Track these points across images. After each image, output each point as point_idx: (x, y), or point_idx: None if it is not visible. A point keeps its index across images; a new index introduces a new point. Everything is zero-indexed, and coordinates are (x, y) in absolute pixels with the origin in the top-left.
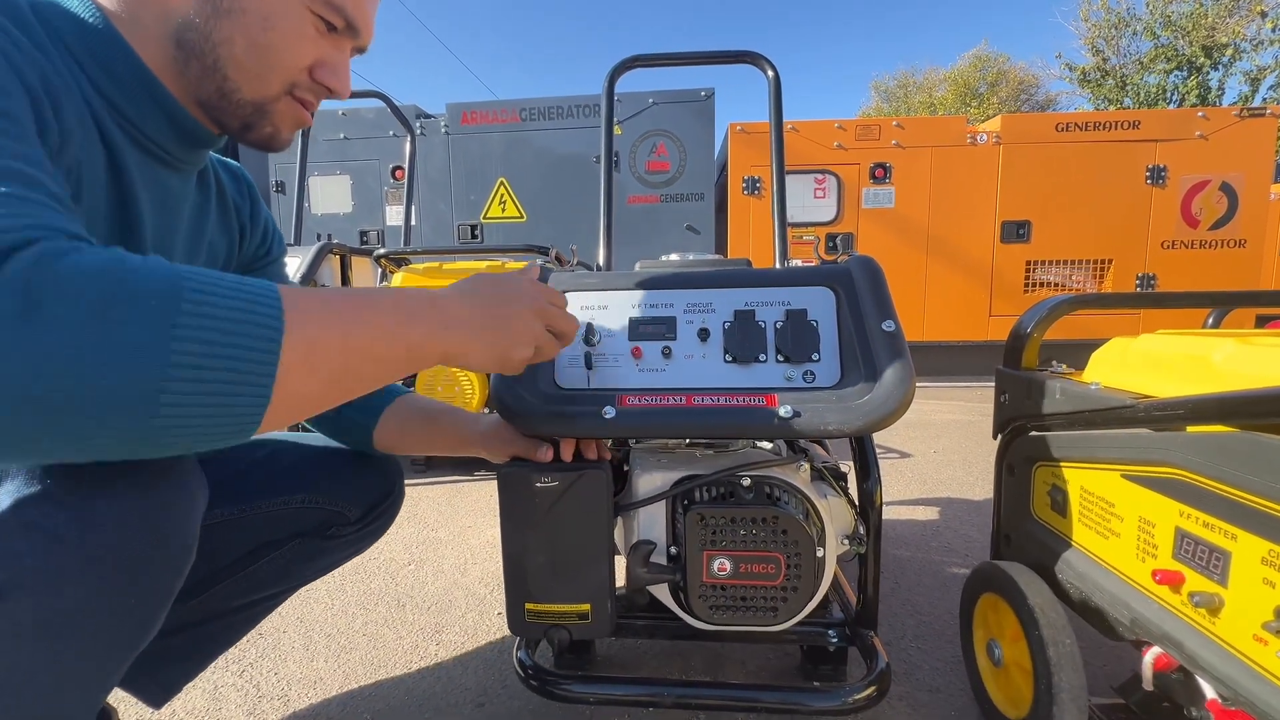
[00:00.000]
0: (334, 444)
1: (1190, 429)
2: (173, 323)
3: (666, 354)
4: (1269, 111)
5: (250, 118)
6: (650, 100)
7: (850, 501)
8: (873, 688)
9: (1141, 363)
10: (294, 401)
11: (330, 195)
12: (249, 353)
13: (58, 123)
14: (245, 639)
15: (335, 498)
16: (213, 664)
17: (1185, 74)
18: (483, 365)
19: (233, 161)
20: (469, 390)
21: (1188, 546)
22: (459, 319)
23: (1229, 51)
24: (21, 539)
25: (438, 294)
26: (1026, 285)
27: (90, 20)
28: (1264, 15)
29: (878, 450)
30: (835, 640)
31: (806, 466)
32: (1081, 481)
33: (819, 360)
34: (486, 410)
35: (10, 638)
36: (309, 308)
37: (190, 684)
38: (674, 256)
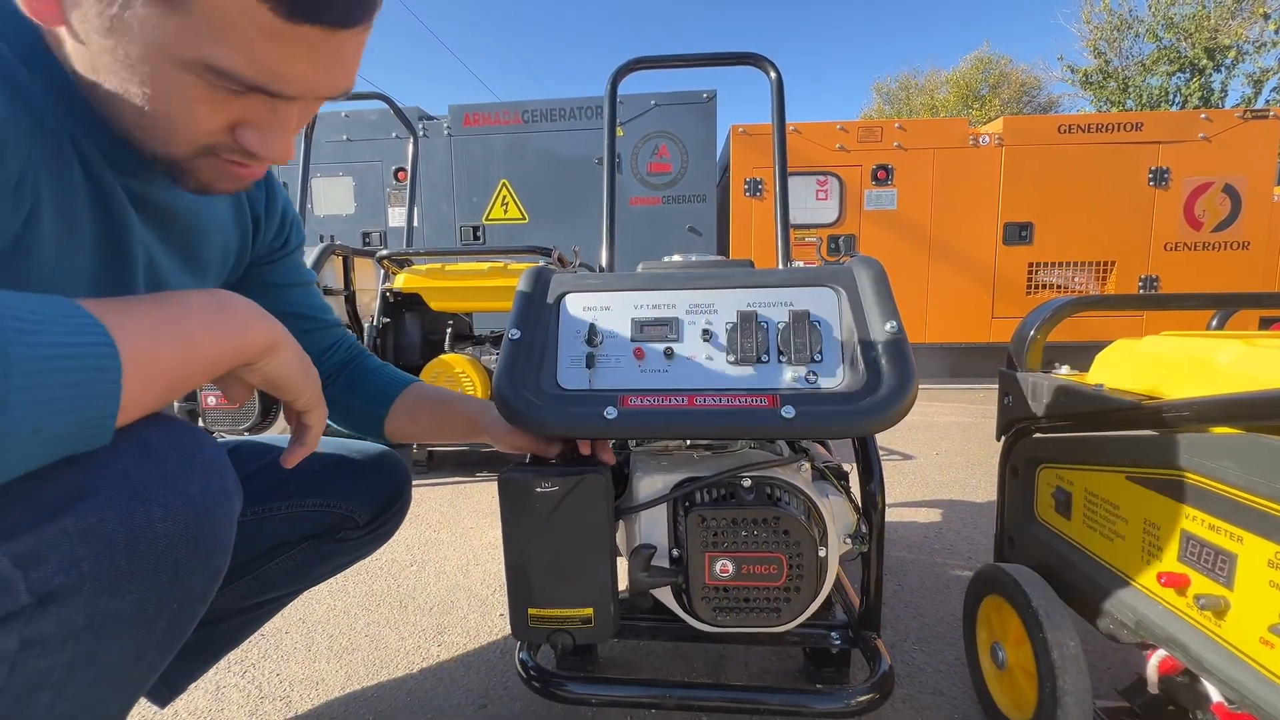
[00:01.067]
0: (344, 448)
1: (1195, 431)
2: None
3: (669, 354)
4: (1272, 113)
5: (170, 171)
6: (652, 102)
7: (852, 501)
8: (875, 690)
9: (1146, 364)
10: (133, 415)
11: (333, 196)
12: (90, 399)
13: None
14: (248, 639)
15: (345, 501)
16: (216, 664)
17: (1188, 76)
18: (290, 368)
19: None
20: (471, 391)
21: (1193, 549)
22: (273, 324)
23: (1231, 53)
24: (80, 544)
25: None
26: (1029, 287)
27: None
28: (1266, 17)
29: (881, 452)
30: (838, 642)
31: (807, 466)
32: (1086, 483)
33: (822, 361)
34: None
35: (60, 639)
36: (137, 340)
37: (194, 684)
38: (676, 258)
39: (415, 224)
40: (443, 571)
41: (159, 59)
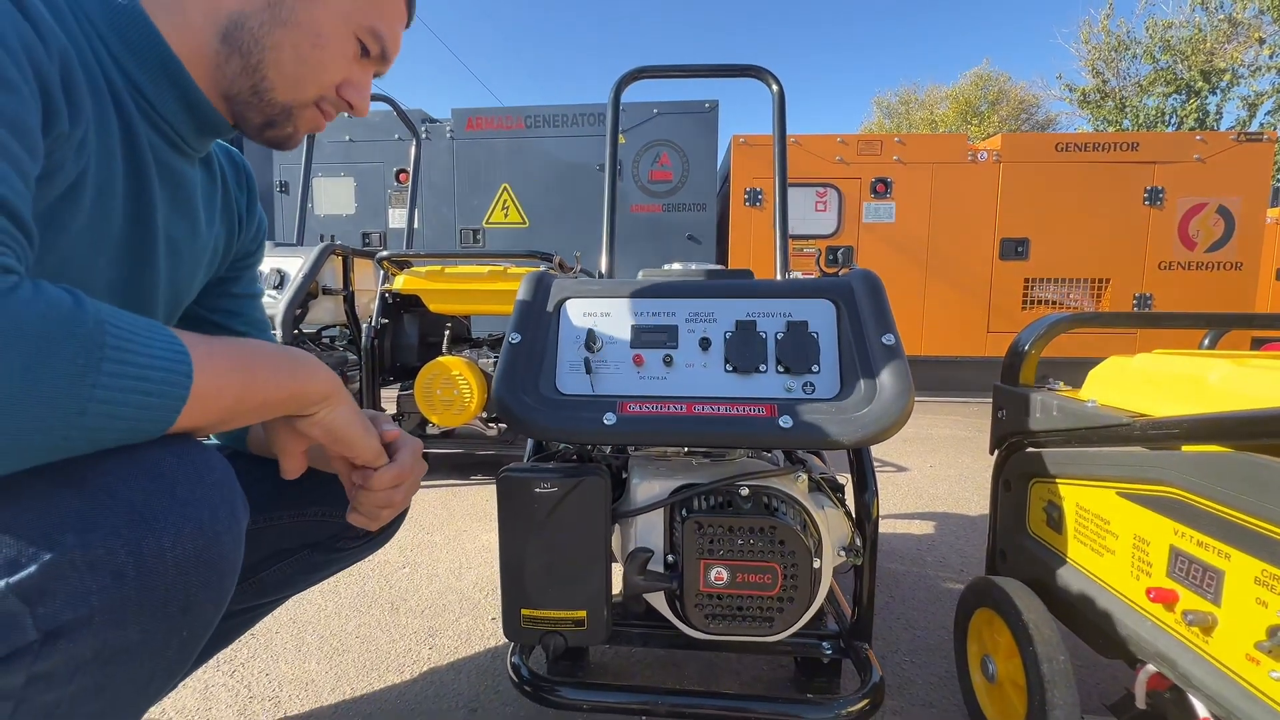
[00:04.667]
0: None
1: (1185, 448)
2: (92, 381)
3: (668, 362)
4: (1266, 136)
5: (276, 117)
6: (655, 110)
7: (847, 513)
8: (866, 701)
9: (1138, 382)
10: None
11: (334, 197)
12: (158, 399)
13: (68, 105)
14: (238, 638)
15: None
16: (205, 663)
17: (1184, 97)
18: (350, 419)
19: (235, 150)
20: (467, 393)
21: (1182, 565)
22: (336, 377)
23: (1227, 76)
24: (89, 576)
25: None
26: (1025, 302)
27: None
28: (1262, 42)
29: (875, 463)
30: (829, 652)
31: (804, 477)
32: (1077, 498)
33: (819, 372)
34: (482, 418)
35: (68, 672)
36: (214, 365)
37: (182, 682)
38: (676, 266)
39: (416, 226)
40: (435, 574)
41: (338, 22)
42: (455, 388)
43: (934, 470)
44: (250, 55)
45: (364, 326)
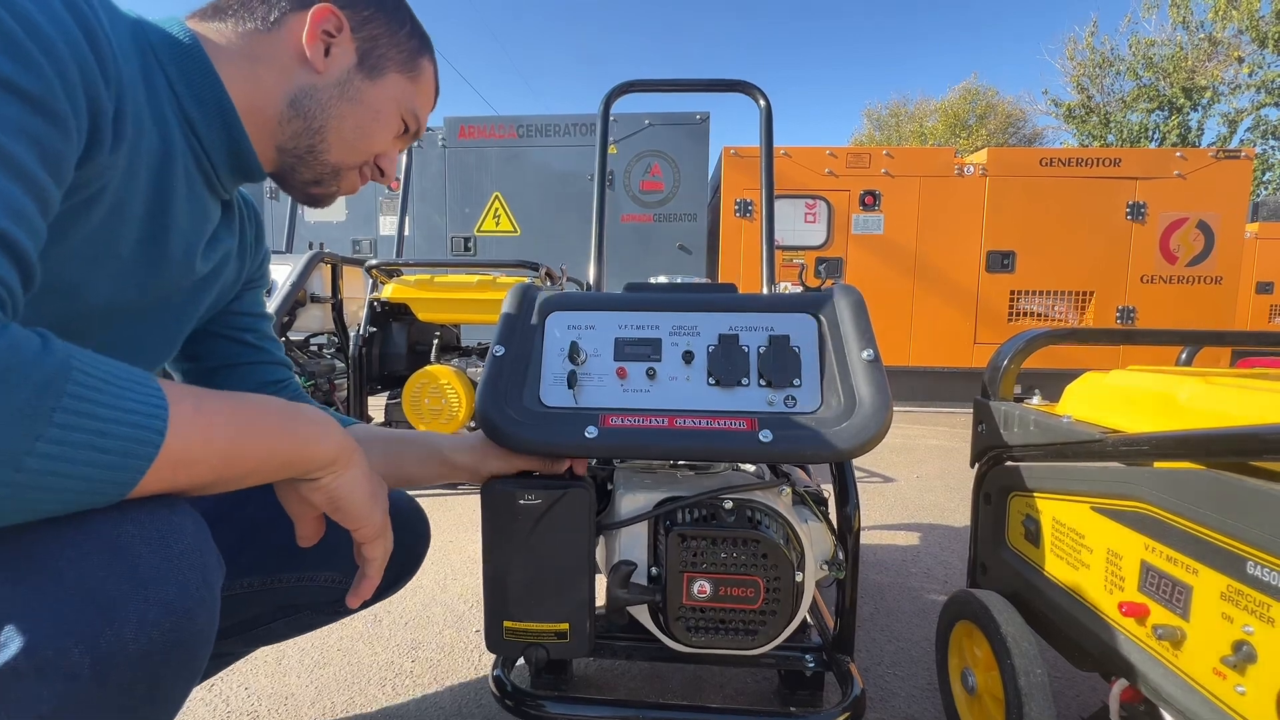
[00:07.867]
0: None
1: (1156, 465)
2: (36, 433)
3: (651, 375)
4: (1244, 154)
5: (324, 176)
6: (646, 121)
7: (830, 526)
8: (847, 714)
9: (1112, 397)
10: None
11: None
12: (117, 459)
13: (114, 134)
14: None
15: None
16: None
17: (1166, 114)
18: (353, 489)
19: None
20: (455, 402)
21: (1152, 580)
22: (346, 438)
23: (1208, 94)
24: (36, 684)
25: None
26: (1011, 314)
27: (181, 38)
28: (1241, 61)
29: (862, 474)
30: (812, 665)
31: (788, 490)
32: (1054, 512)
33: (800, 386)
34: (470, 427)
35: None
36: (199, 424)
37: None
38: (661, 279)
39: (406, 233)
40: (419, 585)
41: (392, 104)
42: (443, 396)
43: (920, 481)
44: (314, 120)
45: (352, 334)
